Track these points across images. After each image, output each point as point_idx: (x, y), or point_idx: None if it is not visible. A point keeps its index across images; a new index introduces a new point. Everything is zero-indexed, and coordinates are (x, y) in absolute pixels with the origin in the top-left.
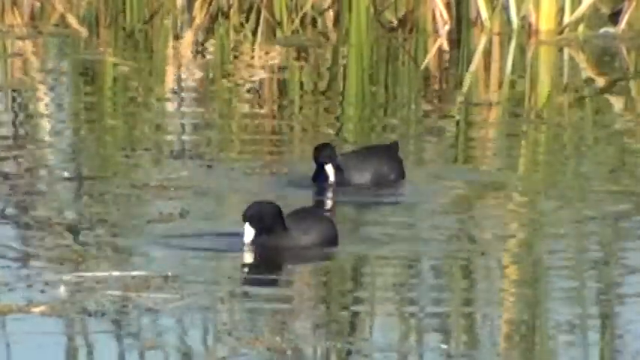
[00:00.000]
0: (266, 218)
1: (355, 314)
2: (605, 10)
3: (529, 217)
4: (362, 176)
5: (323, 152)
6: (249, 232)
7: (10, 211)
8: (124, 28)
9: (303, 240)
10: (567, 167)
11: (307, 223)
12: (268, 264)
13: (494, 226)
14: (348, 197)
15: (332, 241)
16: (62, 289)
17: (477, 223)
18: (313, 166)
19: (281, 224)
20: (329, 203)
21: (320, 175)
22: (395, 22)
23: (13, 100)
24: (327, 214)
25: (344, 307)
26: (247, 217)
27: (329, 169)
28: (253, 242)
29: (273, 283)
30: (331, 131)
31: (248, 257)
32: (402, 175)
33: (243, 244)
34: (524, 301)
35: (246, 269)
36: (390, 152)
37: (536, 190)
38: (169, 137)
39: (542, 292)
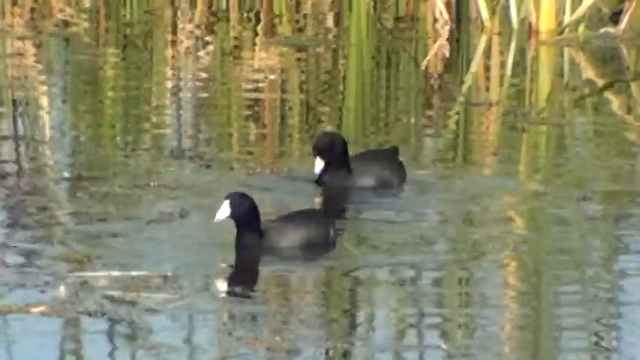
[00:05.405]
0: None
1: (355, 314)
2: (606, 10)
3: (529, 218)
4: (366, 180)
5: (316, 143)
6: (319, 164)
7: (10, 211)
8: (123, 29)
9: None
10: (567, 167)
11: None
12: (268, 264)
13: (495, 226)
14: (350, 200)
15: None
16: (62, 289)
17: (477, 224)
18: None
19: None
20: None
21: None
22: (395, 22)
23: (13, 100)
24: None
25: (344, 307)
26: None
27: (317, 163)
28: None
29: (273, 283)
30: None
31: (248, 257)
32: (403, 178)
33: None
34: (525, 301)
35: (246, 269)
36: (391, 156)
37: (536, 191)
38: (169, 137)
39: (543, 293)
